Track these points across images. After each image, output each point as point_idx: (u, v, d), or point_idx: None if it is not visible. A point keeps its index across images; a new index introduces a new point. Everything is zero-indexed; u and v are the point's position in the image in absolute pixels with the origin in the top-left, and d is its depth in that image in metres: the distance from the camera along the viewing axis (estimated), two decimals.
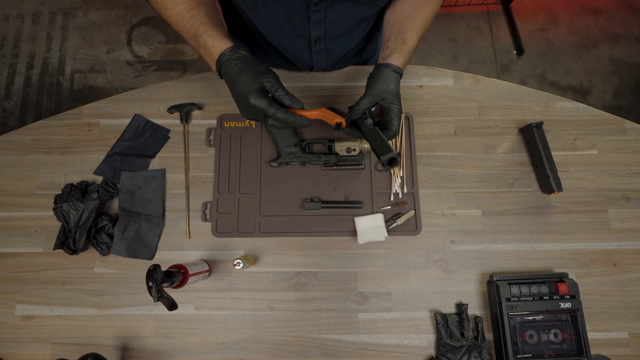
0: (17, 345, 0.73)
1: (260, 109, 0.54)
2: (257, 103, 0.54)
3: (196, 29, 0.57)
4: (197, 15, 0.58)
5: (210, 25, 0.57)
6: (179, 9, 0.59)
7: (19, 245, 0.77)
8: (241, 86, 0.55)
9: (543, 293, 0.70)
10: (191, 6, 0.59)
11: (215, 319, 0.73)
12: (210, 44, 0.56)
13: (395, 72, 0.61)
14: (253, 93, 0.54)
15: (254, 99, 0.54)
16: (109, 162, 0.80)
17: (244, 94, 0.54)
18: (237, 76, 0.55)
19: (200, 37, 0.57)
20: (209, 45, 0.57)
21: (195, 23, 0.57)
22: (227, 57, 0.56)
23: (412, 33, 0.64)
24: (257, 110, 0.55)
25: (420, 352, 0.72)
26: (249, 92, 0.54)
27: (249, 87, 0.54)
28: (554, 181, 0.74)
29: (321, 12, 0.64)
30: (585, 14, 1.89)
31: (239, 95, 0.55)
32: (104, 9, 1.92)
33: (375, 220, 0.75)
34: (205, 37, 0.56)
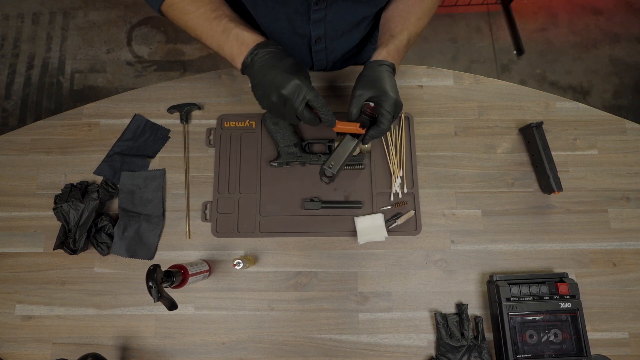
0: (17, 345, 0.73)
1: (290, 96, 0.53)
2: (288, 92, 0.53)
3: (225, 25, 0.57)
4: (225, 13, 0.59)
5: (241, 21, 0.58)
6: (203, 10, 0.59)
7: (19, 245, 0.77)
8: (278, 71, 0.54)
9: (543, 293, 0.70)
10: (215, 7, 0.59)
11: (215, 319, 0.73)
12: (246, 35, 0.56)
13: (379, 66, 0.60)
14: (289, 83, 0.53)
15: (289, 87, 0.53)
16: (109, 162, 0.80)
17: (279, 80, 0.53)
18: (277, 63, 0.55)
19: (233, 30, 0.57)
20: (245, 36, 0.56)
21: (224, 20, 0.58)
22: (264, 45, 0.56)
23: (401, 28, 0.63)
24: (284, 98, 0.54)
25: (420, 352, 0.72)
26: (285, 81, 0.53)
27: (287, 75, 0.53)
28: (554, 181, 0.74)
29: (321, 12, 0.64)
30: (585, 14, 1.89)
31: (272, 80, 0.54)
32: (104, 9, 1.92)
33: (375, 220, 0.75)
34: (239, 30, 0.57)
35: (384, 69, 0.60)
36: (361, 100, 0.59)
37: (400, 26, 0.64)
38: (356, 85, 0.60)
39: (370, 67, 0.60)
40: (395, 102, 0.58)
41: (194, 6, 0.59)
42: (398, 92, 0.60)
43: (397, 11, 0.66)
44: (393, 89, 0.59)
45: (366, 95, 0.59)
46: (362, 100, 0.59)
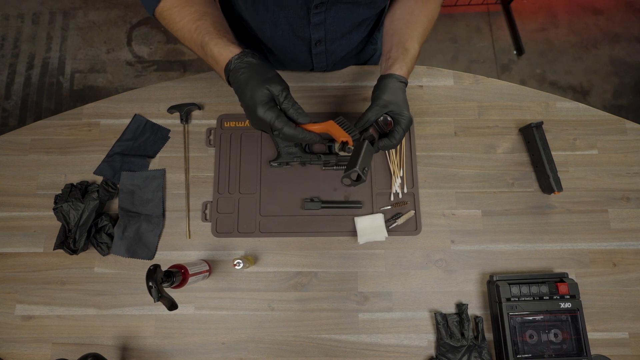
0: (17, 345, 0.73)
1: (267, 122, 0.51)
2: (264, 116, 0.51)
3: (202, 39, 0.56)
4: (203, 25, 0.56)
5: (216, 34, 0.55)
6: (185, 20, 0.58)
7: (19, 245, 0.77)
8: (248, 96, 0.52)
9: (543, 293, 0.70)
10: (197, 17, 0.57)
11: (215, 319, 0.73)
12: (216, 52, 0.54)
13: (399, 82, 0.61)
14: (260, 104, 0.51)
15: (261, 111, 0.51)
16: (109, 162, 0.80)
17: (251, 105, 0.51)
18: (244, 85, 0.52)
19: (207, 47, 0.55)
20: (215, 54, 0.54)
21: (201, 33, 0.56)
22: (234, 64, 0.53)
23: (413, 41, 0.63)
24: (264, 123, 0.52)
25: (420, 352, 0.72)
26: (256, 104, 0.51)
27: (256, 97, 0.51)
28: (554, 181, 0.74)
29: (321, 15, 0.64)
30: (585, 14, 1.89)
31: (246, 105, 0.53)
32: (104, 9, 1.92)
33: (375, 220, 0.75)
34: (212, 45, 0.54)
35: (402, 86, 0.61)
36: (383, 111, 0.59)
37: (411, 39, 0.64)
38: (380, 95, 0.60)
39: (393, 82, 0.60)
40: (410, 122, 0.60)
41: (179, 15, 0.58)
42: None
43: (403, 22, 0.66)
44: (408, 109, 0.61)
45: (389, 108, 0.59)
46: (384, 111, 0.59)
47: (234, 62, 0.53)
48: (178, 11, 0.58)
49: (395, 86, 0.60)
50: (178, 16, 0.58)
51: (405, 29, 0.65)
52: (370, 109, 0.60)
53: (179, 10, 0.58)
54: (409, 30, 0.64)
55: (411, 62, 0.63)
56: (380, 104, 0.59)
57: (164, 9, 0.60)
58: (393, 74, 0.61)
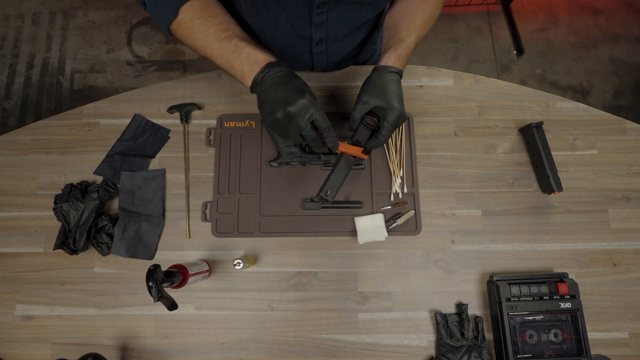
0: (17, 345, 0.73)
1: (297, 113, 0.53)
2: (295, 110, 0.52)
3: (236, 44, 0.57)
4: (235, 33, 0.58)
5: (251, 40, 0.58)
6: (213, 29, 0.59)
7: (19, 245, 0.77)
8: (286, 90, 0.53)
9: (543, 293, 0.70)
10: (225, 27, 0.59)
11: (215, 319, 0.73)
12: (257, 53, 0.56)
13: (389, 73, 0.59)
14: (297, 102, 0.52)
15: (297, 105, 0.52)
16: (109, 162, 0.80)
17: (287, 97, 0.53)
18: (286, 81, 0.54)
19: (244, 50, 0.56)
20: (255, 55, 0.56)
21: (234, 39, 0.57)
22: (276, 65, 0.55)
23: (408, 31, 0.62)
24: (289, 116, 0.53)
25: (420, 352, 0.72)
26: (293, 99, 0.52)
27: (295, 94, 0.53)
28: (554, 181, 0.74)
29: (323, 15, 0.63)
30: (585, 14, 1.89)
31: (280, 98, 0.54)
32: (104, 9, 1.92)
33: (375, 220, 0.75)
34: (250, 49, 0.56)
35: (392, 77, 0.59)
36: (366, 108, 0.58)
37: (407, 30, 0.63)
38: (363, 91, 0.59)
39: (380, 74, 0.59)
40: (399, 115, 0.58)
41: (204, 26, 0.59)
42: (403, 102, 0.60)
43: (403, 14, 0.65)
44: (399, 101, 0.59)
45: (372, 104, 0.58)
46: (368, 107, 0.58)
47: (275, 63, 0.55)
48: (201, 22, 0.59)
49: (381, 78, 0.59)
50: (202, 27, 0.59)
51: (403, 20, 0.64)
52: (354, 108, 0.59)
53: (202, 21, 0.59)
54: (406, 22, 0.64)
55: (405, 52, 0.61)
56: (362, 102, 0.58)
57: (183, 21, 0.60)
58: (382, 65, 0.60)
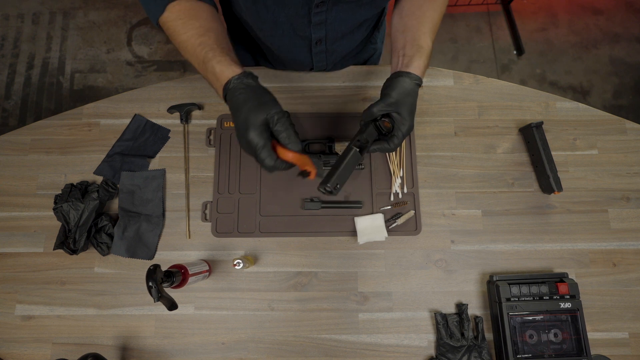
0: (17, 345, 0.73)
1: (253, 146, 0.52)
2: (252, 139, 0.52)
3: (205, 55, 0.56)
4: (207, 41, 0.57)
5: (220, 52, 0.55)
6: (190, 34, 0.58)
7: (19, 245, 0.77)
8: (242, 117, 0.52)
9: (543, 293, 0.70)
10: (201, 32, 0.58)
11: (215, 319, 0.73)
12: (218, 70, 0.55)
13: (415, 84, 0.58)
14: (252, 127, 0.51)
15: (252, 134, 0.51)
16: (109, 162, 0.80)
17: (243, 127, 0.52)
18: (240, 106, 0.53)
19: (209, 63, 0.55)
20: (217, 72, 0.55)
21: (205, 49, 0.56)
22: (234, 84, 0.53)
23: (426, 38, 0.61)
24: (250, 146, 0.52)
25: (420, 352, 0.72)
26: (248, 126, 0.52)
27: (249, 120, 0.52)
28: (554, 181, 0.74)
29: (322, 15, 0.63)
30: (585, 14, 1.89)
31: (238, 127, 0.53)
32: (104, 9, 1.92)
33: (375, 220, 0.75)
34: (214, 62, 0.55)
35: (416, 89, 0.59)
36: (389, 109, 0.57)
37: (424, 36, 0.62)
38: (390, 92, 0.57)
39: (409, 82, 0.58)
40: (411, 128, 0.58)
41: (183, 28, 0.58)
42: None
43: (414, 18, 0.64)
44: (413, 114, 0.58)
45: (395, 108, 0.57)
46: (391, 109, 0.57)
47: (234, 82, 0.54)
48: (182, 24, 0.58)
49: (409, 87, 0.58)
50: (182, 29, 0.58)
51: (418, 25, 0.63)
52: (377, 103, 0.58)
53: (183, 23, 0.58)
54: (421, 27, 0.62)
55: (427, 60, 0.61)
56: (388, 102, 0.57)
57: (167, 20, 0.60)
58: (410, 72, 0.58)
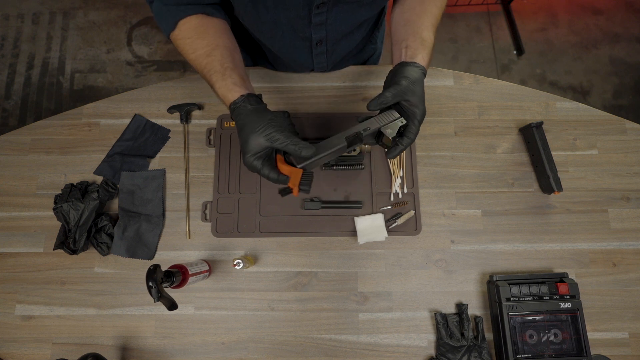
0: (17, 345, 0.73)
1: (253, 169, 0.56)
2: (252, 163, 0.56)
3: (210, 78, 0.59)
4: (212, 63, 0.59)
5: (221, 75, 0.58)
6: (197, 54, 0.60)
7: (19, 245, 0.77)
8: (242, 141, 0.56)
9: (543, 293, 0.70)
10: (208, 52, 0.60)
11: (215, 319, 0.73)
12: (221, 94, 0.58)
13: (422, 73, 0.58)
14: (250, 153, 0.55)
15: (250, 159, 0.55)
16: (109, 162, 0.80)
17: (243, 150, 0.56)
18: (240, 130, 0.56)
19: (214, 87, 0.59)
20: (219, 95, 0.59)
21: (210, 72, 0.59)
22: (233, 109, 0.57)
23: (428, 31, 0.62)
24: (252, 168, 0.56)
25: (420, 352, 0.72)
26: (246, 151, 0.55)
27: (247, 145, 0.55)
28: (554, 181, 0.74)
29: (323, 15, 0.63)
30: (585, 14, 1.89)
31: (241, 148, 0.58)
32: (104, 9, 1.92)
33: (375, 220, 0.75)
34: (217, 87, 0.58)
35: (423, 77, 0.59)
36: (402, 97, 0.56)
37: (426, 29, 0.62)
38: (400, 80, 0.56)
39: (416, 71, 0.58)
40: (424, 115, 0.58)
41: (191, 47, 0.61)
42: None
43: (415, 12, 0.64)
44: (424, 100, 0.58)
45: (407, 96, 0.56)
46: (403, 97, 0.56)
47: (233, 106, 0.57)
48: (190, 43, 0.61)
49: (417, 75, 0.57)
50: (190, 48, 0.61)
51: (419, 19, 0.63)
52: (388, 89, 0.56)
53: (191, 42, 0.61)
54: (423, 21, 0.62)
55: (430, 54, 0.61)
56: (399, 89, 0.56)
57: (177, 37, 0.63)
58: (417, 62, 0.58)
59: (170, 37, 0.64)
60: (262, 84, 0.85)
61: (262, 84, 0.85)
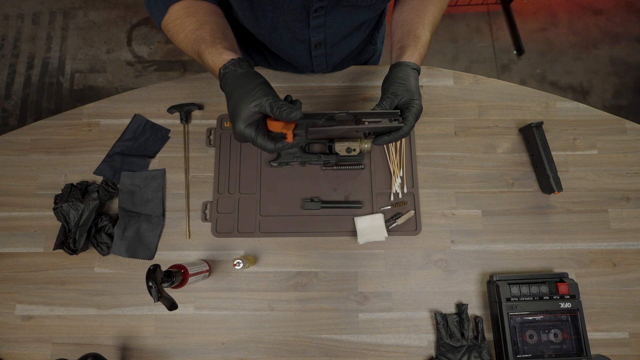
0: (17, 345, 0.73)
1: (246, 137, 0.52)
2: (244, 131, 0.51)
3: (199, 48, 0.56)
4: (201, 35, 0.56)
5: (211, 43, 0.55)
6: (187, 31, 0.58)
7: (19, 245, 0.77)
8: (231, 108, 0.52)
9: (543, 293, 0.70)
10: (197, 27, 0.57)
11: (215, 319, 0.73)
12: (210, 61, 0.54)
13: (410, 69, 0.59)
14: (241, 120, 0.50)
15: (242, 126, 0.51)
16: (109, 162, 0.80)
17: (233, 118, 0.51)
18: (229, 96, 0.52)
19: (203, 55, 0.55)
20: (209, 63, 0.55)
21: (198, 42, 0.56)
22: (223, 73, 0.53)
23: (423, 29, 0.62)
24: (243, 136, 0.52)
25: (420, 352, 0.72)
26: (237, 118, 0.51)
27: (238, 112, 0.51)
28: (554, 181, 0.74)
29: (321, 18, 0.63)
30: (585, 14, 1.89)
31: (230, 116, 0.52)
32: (104, 9, 1.92)
33: (375, 220, 0.75)
34: (206, 54, 0.55)
35: (414, 73, 0.60)
36: (395, 101, 0.58)
37: (422, 28, 0.63)
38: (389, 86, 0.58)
39: (403, 69, 0.59)
40: (420, 107, 0.58)
41: (181, 27, 0.59)
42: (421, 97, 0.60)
43: (413, 12, 0.65)
44: (419, 95, 0.59)
45: (400, 98, 0.58)
46: (396, 101, 0.58)
47: (223, 71, 0.53)
48: (180, 23, 0.59)
49: (406, 73, 0.59)
50: (180, 28, 0.59)
51: (415, 17, 0.64)
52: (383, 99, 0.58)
53: (181, 22, 0.59)
54: (419, 19, 0.64)
55: (423, 48, 0.62)
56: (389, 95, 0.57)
57: (168, 22, 0.60)
58: (403, 61, 0.60)
59: (161, 26, 0.62)
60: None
61: None
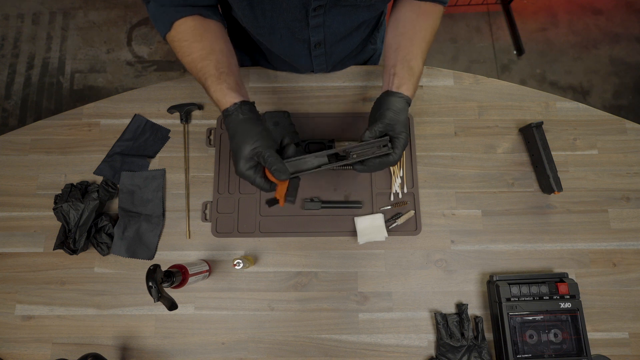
0: (17, 345, 0.73)
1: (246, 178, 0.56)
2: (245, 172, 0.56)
3: (205, 82, 0.59)
4: (207, 67, 0.59)
5: (216, 79, 0.58)
6: (193, 57, 0.60)
7: (19, 245, 0.77)
8: (233, 149, 0.56)
9: (543, 293, 0.70)
10: (203, 55, 0.60)
11: (215, 319, 0.73)
12: (214, 97, 0.58)
13: (405, 102, 0.60)
14: (243, 160, 0.55)
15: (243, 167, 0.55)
16: (109, 162, 0.80)
17: (235, 158, 0.56)
18: (231, 137, 0.57)
19: (209, 91, 0.59)
20: (213, 99, 0.59)
21: (205, 75, 0.59)
22: (228, 115, 0.57)
23: (417, 60, 0.63)
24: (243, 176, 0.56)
25: (420, 352, 0.72)
26: (239, 159, 0.55)
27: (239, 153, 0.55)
28: (554, 181, 0.74)
29: (320, 18, 0.63)
30: (585, 14, 1.89)
31: (232, 155, 0.57)
32: (104, 9, 1.92)
33: (375, 220, 0.75)
34: (211, 91, 0.58)
35: (407, 107, 0.61)
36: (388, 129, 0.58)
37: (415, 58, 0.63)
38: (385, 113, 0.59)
39: (401, 102, 0.60)
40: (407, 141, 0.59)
41: (188, 50, 0.61)
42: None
43: (408, 37, 0.65)
44: (407, 126, 0.60)
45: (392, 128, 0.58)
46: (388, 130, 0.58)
47: (225, 113, 0.57)
48: (187, 46, 0.61)
49: (401, 106, 0.59)
50: (187, 50, 0.61)
51: (410, 46, 0.64)
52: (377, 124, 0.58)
53: (188, 45, 0.61)
54: (413, 48, 0.63)
55: (417, 82, 0.63)
56: (386, 121, 0.58)
57: (174, 39, 0.62)
58: (401, 93, 0.60)
59: (166, 38, 0.64)
60: (262, 84, 0.85)
61: (262, 84, 0.85)
